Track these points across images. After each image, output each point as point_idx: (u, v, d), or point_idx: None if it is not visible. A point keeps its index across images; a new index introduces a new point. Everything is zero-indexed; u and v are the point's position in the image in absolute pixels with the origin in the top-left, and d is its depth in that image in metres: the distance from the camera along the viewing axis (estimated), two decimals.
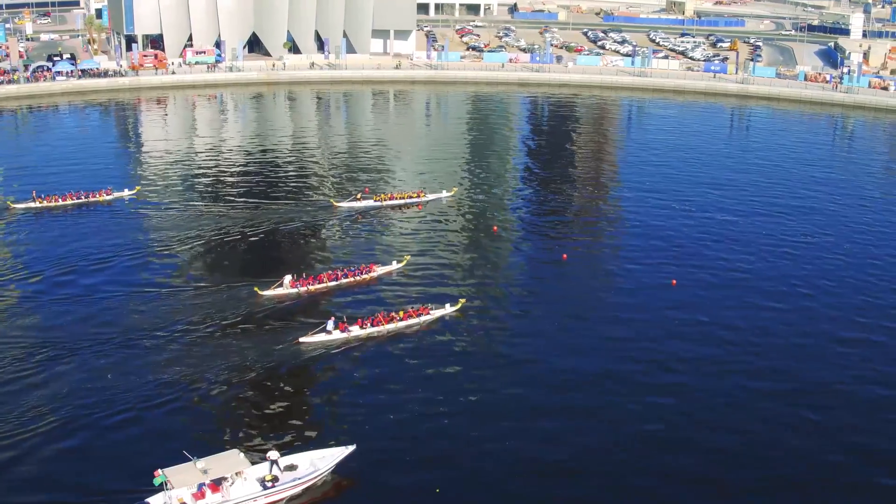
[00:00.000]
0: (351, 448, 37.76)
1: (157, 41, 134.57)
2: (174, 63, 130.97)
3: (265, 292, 54.84)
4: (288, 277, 55.79)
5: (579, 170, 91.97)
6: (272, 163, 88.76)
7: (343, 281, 57.12)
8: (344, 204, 72.89)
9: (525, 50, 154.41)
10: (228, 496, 35.25)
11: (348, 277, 57.39)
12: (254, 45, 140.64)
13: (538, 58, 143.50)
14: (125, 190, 75.28)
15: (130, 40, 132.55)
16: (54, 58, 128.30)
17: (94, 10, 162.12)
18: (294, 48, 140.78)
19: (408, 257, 60.92)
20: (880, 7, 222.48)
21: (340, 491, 37.23)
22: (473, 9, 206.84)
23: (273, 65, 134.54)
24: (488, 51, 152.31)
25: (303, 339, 48.94)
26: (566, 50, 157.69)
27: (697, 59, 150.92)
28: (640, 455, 39.71)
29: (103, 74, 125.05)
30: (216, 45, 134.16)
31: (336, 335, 49.35)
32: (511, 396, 44.30)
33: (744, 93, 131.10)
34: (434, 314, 52.34)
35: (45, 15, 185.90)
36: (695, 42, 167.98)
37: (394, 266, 59.55)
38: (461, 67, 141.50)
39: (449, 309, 53.13)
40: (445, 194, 76.45)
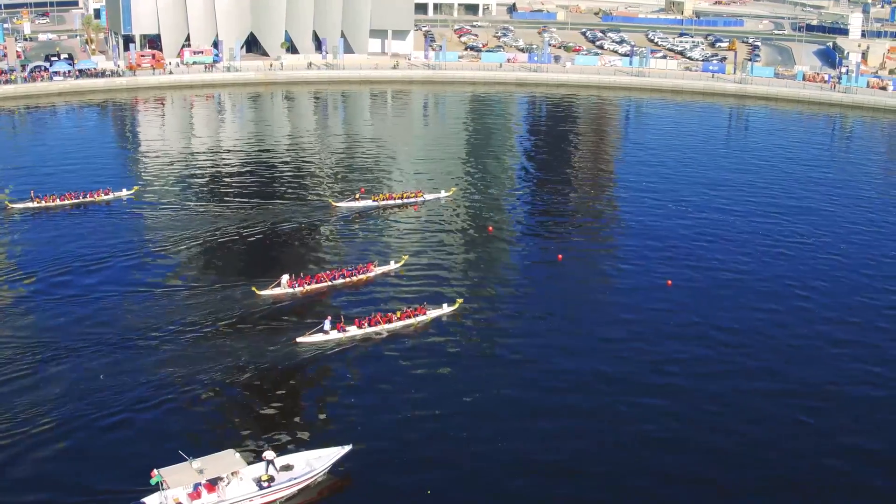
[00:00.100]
0: (347, 448, 37.83)
1: (155, 41, 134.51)
2: (172, 63, 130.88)
3: (263, 292, 54.90)
4: (285, 277, 55.85)
5: (576, 170, 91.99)
6: (270, 163, 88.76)
7: (341, 281, 57.16)
8: (342, 204, 72.92)
9: (523, 50, 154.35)
10: (224, 496, 35.28)
11: (346, 277, 57.44)
12: (251, 45, 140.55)
13: (536, 58, 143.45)
14: (123, 190, 75.33)
15: (128, 40, 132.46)
16: (52, 58, 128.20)
17: (93, 10, 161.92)
18: (292, 48, 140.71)
19: (405, 257, 60.95)
20: (879, 7, 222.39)
21: (336, 491, 37.26)
22: (472, 9, 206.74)
23: (271, 65, 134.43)
24: (486, 51, 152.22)
25: (300, 339, 49.00)
26: (564, 50, 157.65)
27: (696, 59, 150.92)
28: (636, 455, 39.72)
29: (101, 74, 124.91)
30: (214, 45, 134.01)
31: (333, 335, 49.40)
32: (507, 397, 44.36)
33: (742, 93, 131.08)
34: (431, 314, 52.39)
35: (44, 15, 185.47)
36: (693, 42, 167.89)
37: (391, 266, 59.58)
38: (459, 67, 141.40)
39: (446, 309, 53.19)
40: (444, 194, 76.47)
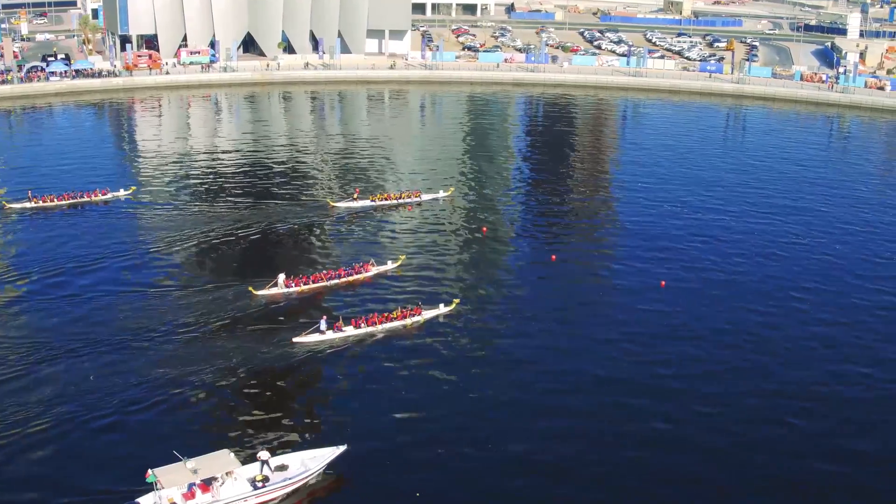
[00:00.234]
0: (342, 448, 37.71)
1: (152, 41, 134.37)
2: (168, 63, 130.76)
3: (260, 292, 54.78)
4: (282, 277, 55.72)
5: (573, 170, 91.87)
6: (267, 163, 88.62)
7: (338, 281, 57.08)
8: (340, 204, 72.82)
9: (521, 50, 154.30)
10: (219, 496, 35.14)
11: (343, 277, 57.35)
12: (248, 45, 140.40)
13: (533, 58, 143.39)
14: (120, 190, 75.23)
15: (125, 40, 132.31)
16: (48, 58, 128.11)
17: (91, 11, 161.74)
18: (289, 48, 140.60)
19: (402, 258, 60.85)
20: (878, 7, 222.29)
21: (331, 491, 37.16)
22: (470, 8, 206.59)
23: (267, 65, 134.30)
24: (484, 51, 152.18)
25: (296, 339, 48.88)
26: (562, 50, 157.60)
27: (693, 59, 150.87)
28: (631, 456, 39.62)
29: (97, 75, 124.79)
30: (211, 45, 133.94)
31: (329, 335, 49.29)
32: (503, 397, 44.24)
33: (739, 93, 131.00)
34: (427, 315, 52.29)
35: (42, 15, 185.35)
36: (691, 42, 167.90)
37: (388, 266, 59.48)
38: (456, 67, 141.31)
39: (443, 309, 53.09)
40: (443, 194, 76.34)
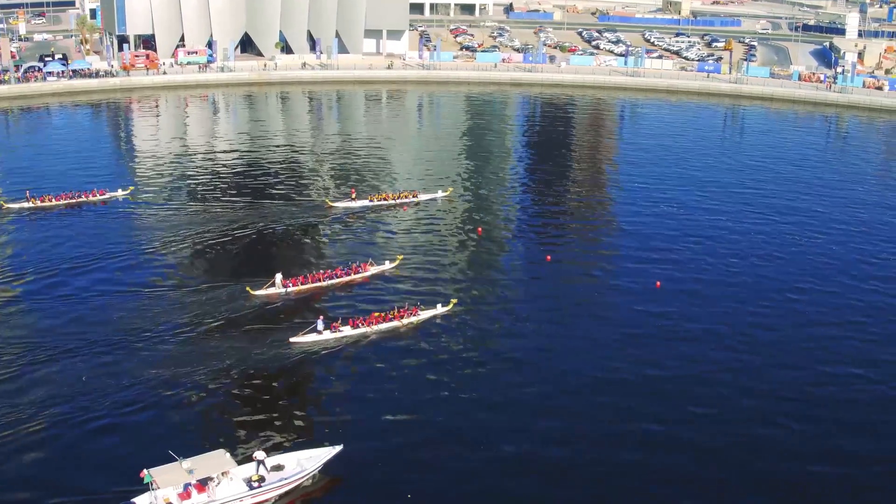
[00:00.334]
0: (338, 448, 37.62)
1: (149, 41, 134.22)
2: (166, 63, 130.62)
3: (257, 292, 54.67)
4: (279, 277, 55.60)
5: (570, 170, 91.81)
6: (265, 163, 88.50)
7: (335, 281, 56.98)
8: (338, 204, 72.71)
9: (519, 50, 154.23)
10: (214, 496, 35.04)
11: (340, 277, 57.26)
12: (246, 46, 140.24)
13: (531, 58, 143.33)
14: (118, 190, 75.12)
15: (122, 40, 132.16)
16: (46, 58, 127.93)
17: (89, 11, 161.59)
18: (286, 48, 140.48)
19: (400, 257, 60.74)
20: (877, 7, 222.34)
21: (327, 492, 37.08)
22: (469, 8, 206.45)
23: (265, 65, 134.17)
24: (481, 51, 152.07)
25: (293, 339, 48.79)
26: (560, 50, 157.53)
27: (691, 59, 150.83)
28: (627, 456, 39.56)
29: (94, 75, 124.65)
30: (208, 46, 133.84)
31: (327, 335, 49.21)
32: (501, 397, 44.15)
33: (737, 93, 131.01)
34: (425, 315, 52.19)
35: (40, 15, 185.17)
36: (689, 42, 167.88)
37: (386, 266, 59.38)
38: (453, 67, 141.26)
39: (440, 309, 52.99)
40: (441, 194, 76.24)
